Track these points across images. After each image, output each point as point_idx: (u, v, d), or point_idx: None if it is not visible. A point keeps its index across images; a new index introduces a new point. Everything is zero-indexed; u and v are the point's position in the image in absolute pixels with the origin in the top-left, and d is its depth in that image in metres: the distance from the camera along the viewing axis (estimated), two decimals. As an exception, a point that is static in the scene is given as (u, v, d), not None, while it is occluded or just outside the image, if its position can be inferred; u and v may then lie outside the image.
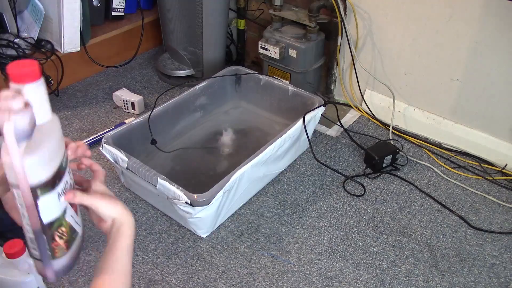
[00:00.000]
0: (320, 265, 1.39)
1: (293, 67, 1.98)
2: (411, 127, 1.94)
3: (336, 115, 1.93)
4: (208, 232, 1.47)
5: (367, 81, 2.00)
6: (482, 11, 1.56)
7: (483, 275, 1.38)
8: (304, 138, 1.66)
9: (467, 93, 1.75)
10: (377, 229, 1.51)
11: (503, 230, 1.51)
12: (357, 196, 1.63)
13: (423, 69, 1.80)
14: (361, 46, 1.92)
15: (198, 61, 2.14)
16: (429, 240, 1.47)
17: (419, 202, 1.61)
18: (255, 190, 1.61)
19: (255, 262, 1.40)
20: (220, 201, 1.37)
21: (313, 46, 1.93)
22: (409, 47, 1.80)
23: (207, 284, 1.33)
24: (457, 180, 1.70)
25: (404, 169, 1.75)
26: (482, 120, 1.76)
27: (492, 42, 1.59)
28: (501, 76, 1.63)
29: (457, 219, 1.55)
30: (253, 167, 1.43)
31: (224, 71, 1.92)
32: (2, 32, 1.95)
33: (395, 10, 1.76)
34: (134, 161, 1.41)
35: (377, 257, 1.42)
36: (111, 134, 1.52)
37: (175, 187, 1.31)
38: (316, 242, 1.46)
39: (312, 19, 1.87)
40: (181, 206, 1.32)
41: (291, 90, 1.82)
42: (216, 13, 2.01)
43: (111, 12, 2.22)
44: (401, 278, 1.36)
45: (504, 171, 1.72)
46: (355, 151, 1.82)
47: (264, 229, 1.50)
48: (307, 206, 1.58)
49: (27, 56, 1.90)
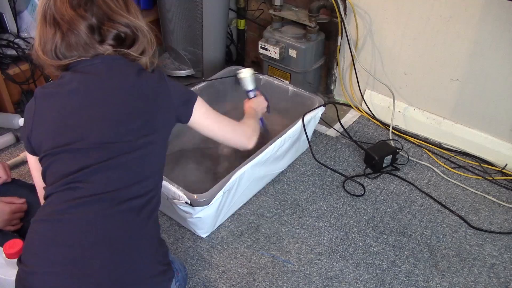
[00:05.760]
0: (320, 265, 1.39)
1: (293, 67, 1.98)
2: (411, 127, 1.94)
3: (336, 115, 1.93)
4: (208, 232, 1.47)
5: (367, 81, 2.00)
6: (482, 11, 1.56)
7: (483, 275, 1.37)
8: (304, 138, 1.66)
9: (467, 93, 1.75)
10: (377, 229, 1.51)
11: (503, 230, 1.51)
12: (357, 196, 1.63)
13: (423, 69, 1.80)
14: (361, 46, 1.92)
15: (198, 61, 2.14)
16: (429, 240, 1.47)
17: (419, 202, 1.61)
18: (255, 190, 1.61)
19: (255, 262, 1.40)
20: (220, 201, 1.37)
21: (313, 46, 1.93)
22: (409, 47, 1.80)
23: (207, 284, 1.33)
24: (457, 180, 1.70)
25: (404, 169, 1.75)
26: (482, 120, 1.76)
27: (492, 42, 1.59)
28: (501, 76, 1.63)
29: (457, 219, 1.55)
30: (253, 167, 1.43)
31: (224, 71, 1.92)
32: (2, 32, 1.95)
33: (395, 10, 1.76)
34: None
35: (377, 257, 1.42)
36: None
37: (175, 187, 1.31)
38: (316, 242, 1.46)
39: (312, 19, 1.87)
40: (181, 206, 1.32)
41: (291, 90, 1.82)
42: (216, 13, 2.01)
43: (111, 12, 2.22)
44: (401, 278, 1.36)
45: (504, 171, 1.72)
46: (355, 151, 1.82)
47: (264, 229, 1.50)
48: (307, 206, 1.58)
49: (26, 56, 1.90)
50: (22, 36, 1.98)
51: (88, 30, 0.95)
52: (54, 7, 0.95)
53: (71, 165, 0.93)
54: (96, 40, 0.97)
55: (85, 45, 0.96)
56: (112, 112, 0.95)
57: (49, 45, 0.96)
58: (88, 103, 0.95)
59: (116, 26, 0.97)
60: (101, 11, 0.96)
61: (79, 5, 0.95)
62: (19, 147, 1.81)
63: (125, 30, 0.99)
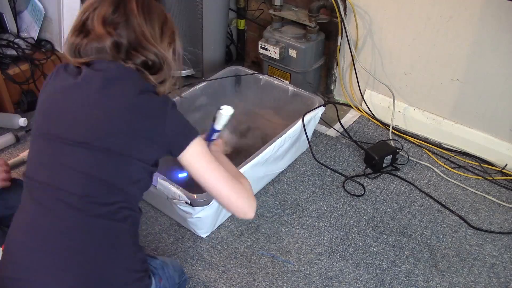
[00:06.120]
0: (320, 265, 1.39)
1: (293, 67, 1.98)
2: (411, 127, 1.94)
3: (336, 115, 1.93)
4: (208, 232, 1.47)
5: (367, 81, 2.00)
6: (482, 11, 1.56)
7: (483, 275, 1.37)
8: (304, 138, 1.66)
9: (467, 93, 1.75)
10: (377, 229, 1.51)
11: (503, 230, 1.51)
12: (357, 196, 1.63)
13: (423, 69, 1.80)
14: (361, 46, 1.92)
15: (198, 61, 2.14)
16: (429, 240, 1.47)
17: (419, 202, 1.61)
18: (255, 190, 1.61)
19: (255, 262, 1.40)
20: (220, 201, 1.37)
21: (313, 46, 1.93)
22: (409, 47, 1.80)
23: (207, 284, 1.33)
24: (457, 180, 1.70)
25: (404, 169, 1.74)
26: (482, 120, 1.76)
27: (492, 42, 1.59)
28: (501, 76, 1.63)
29: (457, 219, 1.55)
30: (253, 167, 1.43)
31: (224, 71, 1.92)
32: (2, 32, 1.96)
33: (395, 10, 1.76)
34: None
35: (377, 257, 1.42)
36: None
37: (175, 187, 1.31)
38: (316, 242, 1.46)
39: (312, 19, 1.87)
40: (181, 206, 1.32)
41: (291, 90, 1.82)
42: (216, 13, 2.01)
43: (111, 12, 2.22)
44: (401, 278, 1.36)
45: (504, 171, 1.72)
46: (355, 151, 1.82)
47: (264, 229, 1.50)
48: (307, 206, 1.58)
49: (26, 56, 1.90)
50: (22, 36, 1.98)
51: (113, 46, 0.94)
52: (91, 18, 0.95)
53: (43, 157, 0.93)
54: (121, 58, 0.96)
55: (108, 55, 0.95)
56: (101, 117, 0.93)
57: (72, 43, 0.96)
58: (83, 101, 0.93)
59: (146, 53, 0.96)
60: (134, 35, 0.95)
61: (111, 23, 0.94)
62: (19, 147, 1.81)
63: (153, 59, 0.97)
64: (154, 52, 0.97)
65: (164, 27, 1.01)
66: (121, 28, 0.95)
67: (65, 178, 0.91)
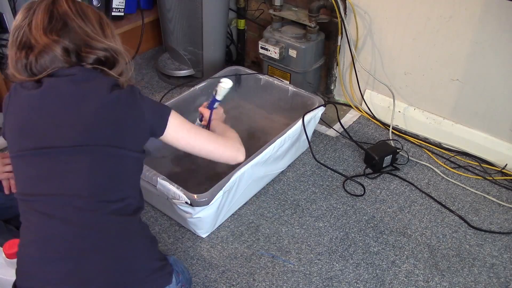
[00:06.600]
0: (320, 265, 1.39)
1: (293, 67, 1.98)
2: (411, 127, 1.94)
3: (336, 115, 1.93)
4: (208, 232, 1.47)
5: (367, 81, 2.00)
6: (482, 11, 1.56)
7: (483, 275, 1.37)
8: (304, 138, 1.66)
9: (467, 93, 1.75)
10: (377, 229, 1.51)
11: (503, 230, 1.51)
12: (357, 196, 1.63)
13: (423, 69, 1.80)
14: (361, 46, 1.92)
15: (198, 61, 2.14)
16: (429, 240, 1.47)
17: (419, 202, 1.61)
18: (255, 190, 1.61)
19: (255, 262, 1.40)
20: (220, 201, 1.37)
21: (313, 46, 1.93)
22: (409, 47, 1.80)
23: (207, 284, 1.33)
24: (457, 180, 1.70)
25: (404, 169, 1.75)
26: (482, 120, 1.76)
27: (492, 42, 1.59)
28: (501, 76, 1.63)
29: (457, 219, 1.55)
30: (253, 167, 1.44)
31: (224, 71, 1.92)
32: (2, 32, 1.95)
33: (395, 10, 1.76)
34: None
35: (377, 257, 1.42)
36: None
37: (175, 187, 1.31)
38: (316, 242, 1.46)
39: (312, 19, 1.87)
40: (181, 206, 1.32)
41: (291, 90, 1.82)
42: (216, 13, 2.01)
43: (111, 12, 2.22)
44: (401, 278, 1.36)
45: (504, 171, 1.72)
46: (355, 151, 1.82)
47: (264, 229, 1.50)
48: (307, 206, 1.58)
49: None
50: (22, 36, 1.98)
51: (63, 52, 0.94)
52: (28, 32, 0.94)
53: (40, 171, 0.93)
54: (73, 61, 0.96)
55: (62, 62, 0.95)
56: (83, 118, 0.93)
57: (21, 63, 0.94)
58: (58, 106, 0.93)
59: (95, 52, 0.97)
60: (78, 36, 0.96)
61: (52, 31, 0.94)
62: (19, 147, 1.81)
63: (104, 54, 0.99)
64: (103, 47, 0.98)
65: (102, 22, 1.02)
66: (64, 33, 0.95)
67: (70, 184, 0.92)
